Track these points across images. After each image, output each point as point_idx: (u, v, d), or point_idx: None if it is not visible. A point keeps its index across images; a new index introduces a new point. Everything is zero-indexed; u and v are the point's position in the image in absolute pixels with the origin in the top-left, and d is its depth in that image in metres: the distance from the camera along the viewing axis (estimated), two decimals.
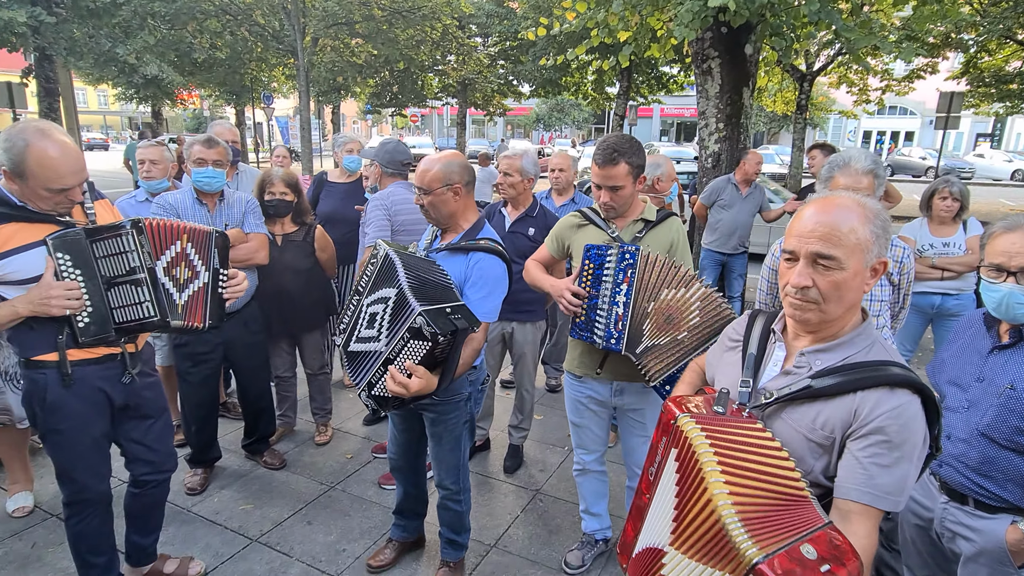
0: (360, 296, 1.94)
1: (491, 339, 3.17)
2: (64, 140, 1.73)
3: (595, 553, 2.52)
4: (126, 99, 17.80)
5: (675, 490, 1.11)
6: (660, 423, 1.22)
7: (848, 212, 1.14)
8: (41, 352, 1.83)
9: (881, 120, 32.56)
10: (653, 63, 15.56)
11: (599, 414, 2.33)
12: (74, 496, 1.99)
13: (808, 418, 1.15)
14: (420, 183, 2.00)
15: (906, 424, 1.08)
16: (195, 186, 2.70)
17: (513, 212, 3.14)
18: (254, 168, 3.94)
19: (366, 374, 1.82)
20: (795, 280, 1.14)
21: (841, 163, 2.09)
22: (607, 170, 2.02)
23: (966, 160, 23.99)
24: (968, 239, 3.42)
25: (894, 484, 1.07)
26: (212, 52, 15.87)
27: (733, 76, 5.44)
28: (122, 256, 1.86)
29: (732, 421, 1.15)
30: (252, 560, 2.46)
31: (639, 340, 1.97)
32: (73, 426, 1.90)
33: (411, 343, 1.65)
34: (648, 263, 1.96)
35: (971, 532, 1.59)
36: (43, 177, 1.69)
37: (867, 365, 1.14)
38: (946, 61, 14.18)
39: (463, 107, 21.64)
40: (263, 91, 20.69)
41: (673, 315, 1.92)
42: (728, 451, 1.06)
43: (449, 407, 2.10)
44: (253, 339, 2.96)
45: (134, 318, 1.89)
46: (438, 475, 2.23)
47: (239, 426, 3.32)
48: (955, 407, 1.63)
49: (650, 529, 1.19)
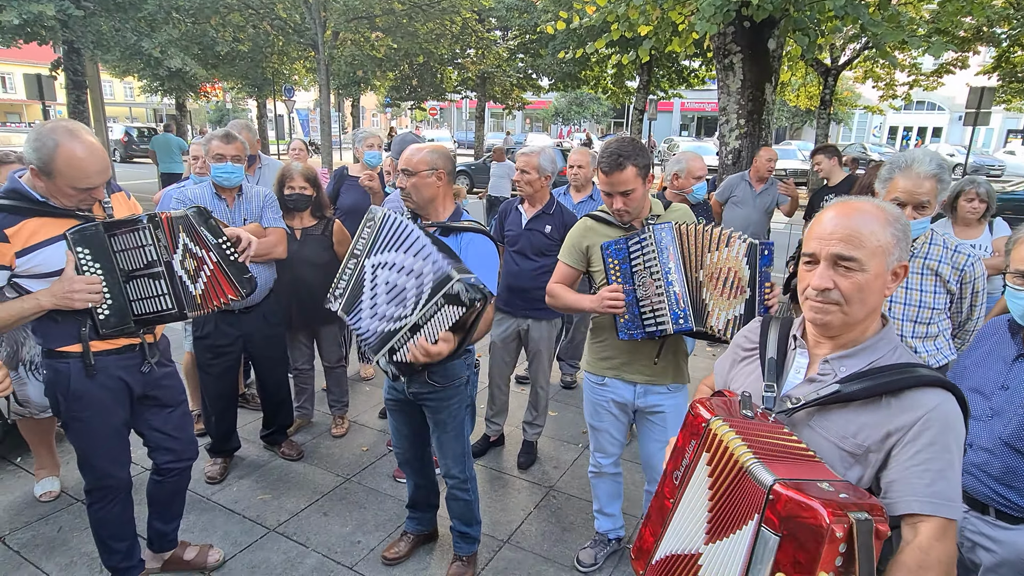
0: (358, 259, 1.92)
1: (507, 336, 3.17)
2: (92, 141, 1.77)
3: (608, 552, 2.52)
4: (151, 91, 18.09)
5: (708, 493, 1.08)
6: (687, 426, 1.19)
7: (868, 216, 1.12)
8: (65, 344, 1.88)
9: (908, 116, 31.73)
10: (674, 57, 15.35)
11: (619, 418, 2.29)
12: (95, 483, 2.04)
13: (838, 425, 1.11)
14: (406, 165, 2.03)
15: (948, 424, 1.04)
16: (214, 181, 2.74)
17: (530, 209, 3.13)
18: (276, 160, 3.99)
19: (387, 343, 1.83)
20: (816, 282, 1.12)
21: (903, 164, 1.98)
22: (615, 176, 1.98)
23: (995, 157, 23.24)
24: (994, 241, 3.32)
25: (953, 489, 1.02)
26: (235, 45, 16.03)
27: (755, 72, 5.34)
28: (140, 250, 1.90)
29: (764, 426, 1.11)
30: (269, 549, 2.50)
31: (704, 311, 1.92)
32: (94, 414, 1.94)
33: (445, 308, 1.67)
34: (683, 234, 1.92)
35: (991, 543, 1.56)
36: (71, 176, 1.74)
37: (894, 368, 1.11)
38: (977, 56, 13.74)
39: (482, 101, 21.60)
40: (284, 84, 20.89)
41: (724, 275, 1.88)
42: (764, 452, 1.03)
43: (450, 391, 2.12)
44: (272, 332, 3.01)
45: (153, 311, 1.94)
46: (444, 465, 2.25)
47: (258, 417, 3.38)
48: (978, 415, 1.59)
49: (676, 535, 1.15)
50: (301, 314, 3.22)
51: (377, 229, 1.90)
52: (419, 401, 2.17)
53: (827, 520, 0.85)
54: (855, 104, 20.90)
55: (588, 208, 3.78)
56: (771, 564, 0.89)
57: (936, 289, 2.09)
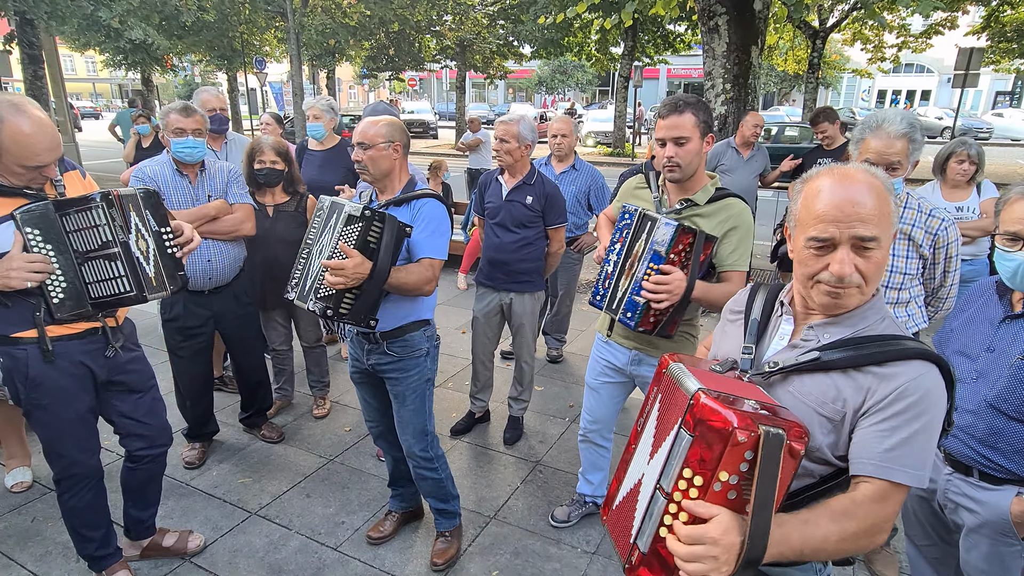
0: (310, 247, 1.94)
1: (489, 310, 3.11)
2: (40, 116, 1.69)
3: (583, 512, 2.57)
4: (114, 66, 17.21)
5: (655, 426, 1.09)
6: (655, 379, 1.18)
7: (870, 188, 1.05)
8: (19, 329, 1.80)
9: (897, 78, 31.64)
10: (659, 21, 15.00)
11: (615, 381, 2.28)
12: (64, 472, 1.99)
13: (817, 391, 1.09)
14: (362, 139, 2.03)
15: (926, 394, 1.02)
16: (174, 157, 2.59)
17: (510, 180, 3.02)
18: (244, 136, 3.81)
19: (312, 285, 1.88)
20: (839, 268, 1.04)
21: (873, 124, 1.93)
22: (672, 119, 1.89)
23: (984, 120, 23.28)
24: (982, 202, 3.29)
25: (916, 457, 1.01)
26: (199, 15, 15.31)
27: (741, 34, 5.20)
28: (94, 230, 1.80)
29: (729, 380, 1.11)
30: (251, 533, 2.46)
31: (615, 295, 1.94)
32: (56, 401, 1.89)
33: (345, 231, 1.77)
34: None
35: (974, 503, 1.57)
36: (18, 154, 1.66)
37: (878, 339, 1.08)
38: (966, 16, 13.60)
39: (462, 70, 21.04)
40: (255, 56, 20.08)
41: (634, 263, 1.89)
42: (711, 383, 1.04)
43: (408, 363, 2.12)
44: (244, 311, 2.91)
45: (110, 293, 1.85)
46: (405, 443, 2.21)
47: (237, 400, 3.30)
48: (963, 378, 1.59)
49: (631, 474, 1.15)
50: (276, 292, 3.11)
51: (325, 219, 1.90)
52: (379, 373, 2.17)
53: (734, 424, 0.91)
54: (844, 68, 20.72)
55: (571, 178, 3.69)
56: (682, 461, 0.96)
57: (908, 254, 2.05)
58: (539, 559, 2.37)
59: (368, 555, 2.37)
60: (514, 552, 2.40)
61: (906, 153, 1.90)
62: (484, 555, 2.39)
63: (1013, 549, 1.53)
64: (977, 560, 1.59)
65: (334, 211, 1.85)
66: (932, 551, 1.80)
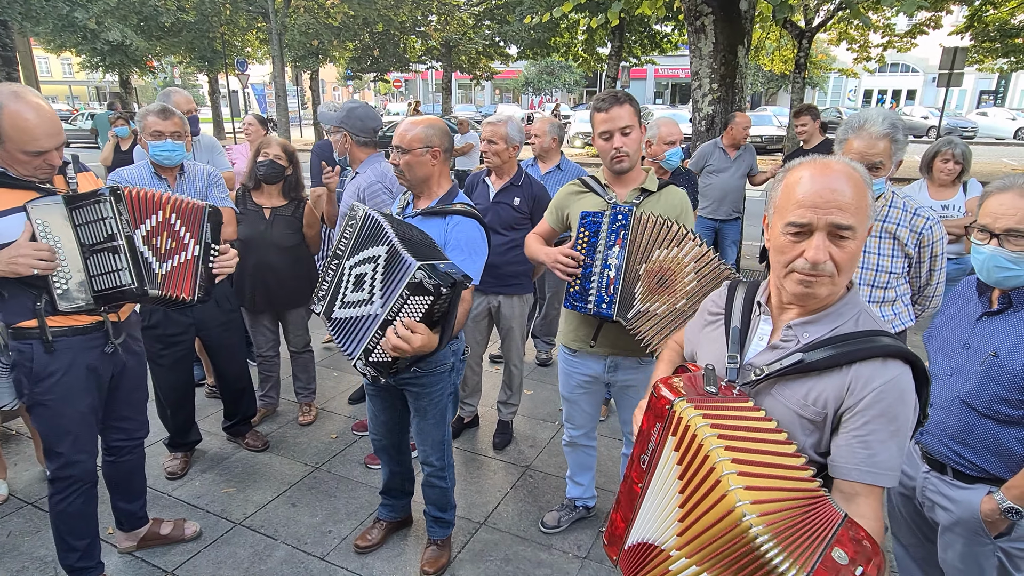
0: (340, 260, 1.88)
1: (477, 313, 3.07)
2: (39, 103, 1.73)
3: (573, 517, 2.54)
4: (91, 68, 16.80)
5: (678, 484, 1.05)
6: (651, 408, 1.15)
7: (849, 178, 1.07)
8: (20, 319, 1.83)
9: (882, 78, 32.05)
10: (645, 21, 15.04)
11: (591, 391, 2.27)
12: (59, 471, 1.97)
13: (799, 394, 1.11)
14: (400, 142, 1.96)
15: (900, 397, 1.06)
16: (152, 160, 2.53)
17: (498, 181, 3.00)
18: (212, 138, 3.77)
19: (361, 341, 1.74)
20: (813, 255, 1.06)
21: (856, 125, 1.95)
22: (615, 110, 1.94)
23: (968, 119, 23.59)
24: (968, 201, 3.33)
25: (892, 459, 1.06)
26: (179, 15, 15.07)
27: (727, 33, 5.21)
28: (100, 223, 1.85)
29: (727, 403, 1.09)
30: (236, 544, 2.41)
31: (630, 304, 1.89)
32: (59, 398, 1.91)
33: (411, 300, 1.59)
34: (640, 223, 1.88)
35: (948, 502, 1.57)
36: (19, 140, 1.70)
37: (857, 336, 1.10)
38: (950, 16, 13.78)
39: (448, 71, 20.97)
40: (237, 57, 19.82)
41: (666, 276, 1.83)
42: (733, 440, 1.01)
43: (434, 379, 2.05)
44: (227, 318, 2.85)
45: (112, 285, 1.87)
46: (423, 452, 2.19)
47: (219, 408, 3.24)
48: (940, 374, 1.60)
49: (645, 523, 1.14)
50: (266, 297, 3.07)
51: (358, 229, 1.83)
52: (401, 387, 2.10)
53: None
54: (830, 68, 20.92)
55: (556, 179, 3.66)
56: None
57: (894, 253, 2.06)
58: (530, 565, 2.34)
59: (355, 564, 2.32)
60: (504, 559, 2.37)
61: (889, 153, 1.91)
62: (474, 562, 2.35)
63: (986, 548, 1.53)
64: (953, 559, 1.60)
65: (394, 262, 1.64)
66: (918, 551, 1.80)
